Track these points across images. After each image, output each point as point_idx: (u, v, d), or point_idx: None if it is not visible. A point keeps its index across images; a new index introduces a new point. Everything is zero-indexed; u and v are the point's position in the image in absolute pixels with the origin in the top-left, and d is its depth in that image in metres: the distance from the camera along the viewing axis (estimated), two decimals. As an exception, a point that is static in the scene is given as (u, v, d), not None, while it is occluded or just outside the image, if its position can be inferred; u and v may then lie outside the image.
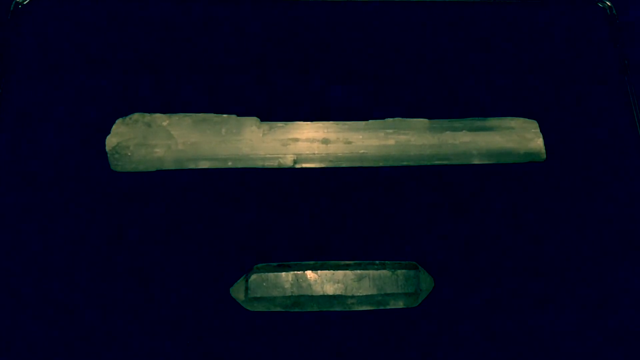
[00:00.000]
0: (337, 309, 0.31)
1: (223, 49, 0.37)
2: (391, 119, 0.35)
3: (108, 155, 0.33)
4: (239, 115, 0.34)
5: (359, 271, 0.31)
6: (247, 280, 0.31)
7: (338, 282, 0.31)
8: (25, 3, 0.38)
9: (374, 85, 0.37)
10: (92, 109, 0.35)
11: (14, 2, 0.38)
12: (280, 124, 0.34)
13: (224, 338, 0.31)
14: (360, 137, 0.34)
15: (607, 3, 0.39)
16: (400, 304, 0.31)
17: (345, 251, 0.33)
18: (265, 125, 0.34)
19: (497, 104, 0.36)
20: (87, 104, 0.36)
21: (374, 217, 0.33)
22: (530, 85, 0.37)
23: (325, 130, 0.34)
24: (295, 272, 0.31)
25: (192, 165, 0.34)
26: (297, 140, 0.34)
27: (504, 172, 0.35)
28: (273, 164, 0.34)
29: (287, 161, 0.34)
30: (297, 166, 0.34)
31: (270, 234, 0.33)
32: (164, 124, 0.34)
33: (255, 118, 0.34)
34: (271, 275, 0.31)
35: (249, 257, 0.33)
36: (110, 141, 0.33)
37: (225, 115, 0.34)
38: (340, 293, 0.31)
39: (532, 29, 0.39)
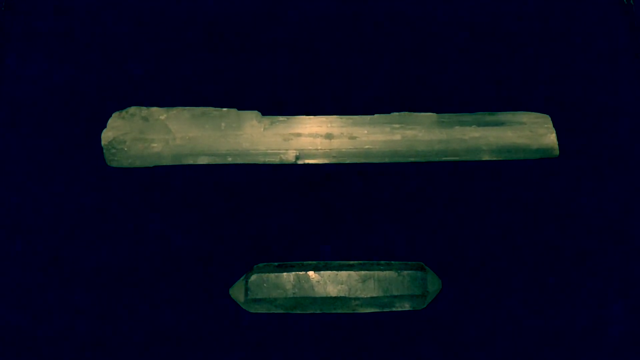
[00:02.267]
0: (341, 311, 0.31)
1: (223, 41, 0.37)
2: (397, 113, 0.34)
3: (104, 150, 0.33)
4: (239, 109, 0.34)
5: (363, 272, 0.31)
6: (246, 281, 0.31)
7: (342, 283, 0.30)
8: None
9: (380, 77, 0.36)
10: (88, 102, 0.35)
11: (8, -8, 0.38)
12: (282, 118, 0.34)
13: (223, 340, 0.31)
14: (365, 132, 0.34)
15: (623, -7, 0.39)
16: (406, 306, 0.31)
17: (349, 251, 0.32)
18: (267, 120, 0.34)
19: (508, 97, 0.36)
20: (82, 97, 0.35)
21: (379, 216, 0.33)
22: (542, 78, 0.36)
23: (329, 125, 0.34)
24: (297, 272, 0.31)
25: (190, 161, 0.33)
26: (299, 135, 0.34)
27: (515, 168, 0.34)
28: (274, 159, 0.33)
29: (289, 157, 0.33)
30: (300, 162, 0.34)
31: (271, 232, 0.33)
32: (162, 117, 0.33)
33: (256, 112, 0.34)
34: (272, 275, 0.31)
35: (249, 256, 0.32)
36: (106, 135, 0.33)
37: (225, 109, 0.34)
38: (343, 295, 0.30)
39: (544, 20, 0.38)
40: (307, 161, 0.34)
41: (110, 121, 0.33)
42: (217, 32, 0.37)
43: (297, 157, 0.33)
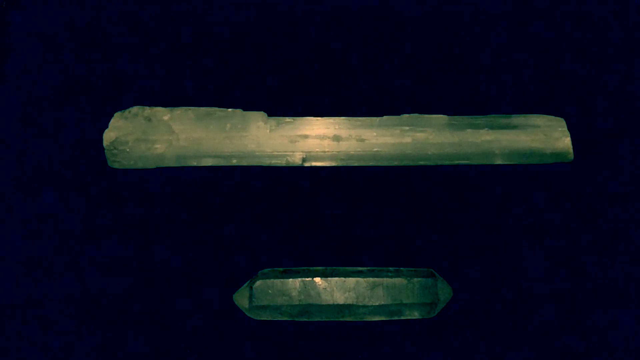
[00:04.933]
0: (348, 319, 0.31)
1: (228, 39, 0.37)
2: (407, 115, 0.34)
3: (105, 150, 0.33)
4: (244, 109, 0.34)
5: (371, 279, 0.30)
6: (251, 287, 0.30)
7: (349, 291, 0.30)
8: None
9: (389, 78, 0.36)
10: (89, 102, 0.35)
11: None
12: (288, 119, 0.34)
13: (227, 348, 0.31)
14: (374, 134, 0.33)
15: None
16: (415, 315, 0.30)
17: (358, 257, 0.32)
18: (273, 121, 0.34)
19: (521, 100, 0.35)
20: (83, 96, 0.35)
21: (388, 221, 0.33)
22: (557, 80, 0.36)
23: (337, 127, 0.34)
24: (303, 278, 0.30)
25: (194, 163, 0.33)
26: (306, 136, 0.33)
27: (529, 173, 0.34)
28: (280, 162, 0.33)
29: (296, 159, 0.33)
30: (306, 164, 0.33)
31: (276, 237, 0.32)
32: (165, 118, 0.33)
33: (262, 113, 0.34)
34: (277, 281, 0.30)
35: (254, 261, 0.32)
36: (108, 136, 0.33)
37: (230, 110, 0.34)
38: (351, 302, 0.30)
39: (559, 20, 0.37)
40: (314, 164, 0.33)
41: (112, 121, 0.33)
42: (222, 31, 0.37)
43: (304, 160, 0.33)
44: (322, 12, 0.37)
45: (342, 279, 0.30)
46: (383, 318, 0.30)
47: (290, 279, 0.30)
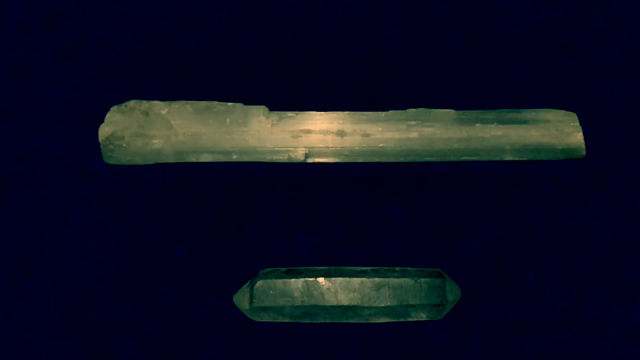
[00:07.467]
0: (353, 320, 0.30)
1: (228, 31, 0.36)
2: (414, 110, 0.34)
3: (101, 146, 0.33)
4: (245, 103, 0.33)
5: (377, 279, 0.30)
6: (252, 287, 0.30)
7: (354, 291, 0.30)
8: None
9: (395, 72, 0.35)
10: (85, 95, 0.35)
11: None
12: (290, 113, 0.33)
13: (227, 350, 0.31)
14: (380, 129, 0.33)
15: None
16: (422, 316, 0.30)
17: (362, 256, 0.32)
18: (274, 115, 0.33)
19: (532, 94, 0.35)
20: (78, 90, 0.35)
21: (394, 219, 0.32)
22: (569, 73, 0.35)
23: (341, 121, 0.33)
24: (306, 278, 0.30)
25: (193, 159, 0.33)
26: (309, 132, 0.33)
27: (540, 169, 0.33)
28: (282, 157, 0.33)
29: (298, 155, 0.33)
30: (309, 160, 0.33)
31: (278, 235, 0.32)
32: (163, 112, 0.33)
33: (263, 107, 0.33)
34: (279, 282, 0.30)
35: (255, 260, 0.32)
36: (104, 131, 0.32)
37: (230, 104, 0.33)
38: (356, 303, 0.30)
39: (571, 13, 0.37)
40: (317, 160, 0.33)
41: (108, 115, 0.33)
42: (222, 22, 0.36)
43: (307, 156, 0.33)
44: (326, 4, 0.37)
45: (347, 279, 0.30)
46: (389, 320, 0.30)
47: (293, 279, 0.30)
